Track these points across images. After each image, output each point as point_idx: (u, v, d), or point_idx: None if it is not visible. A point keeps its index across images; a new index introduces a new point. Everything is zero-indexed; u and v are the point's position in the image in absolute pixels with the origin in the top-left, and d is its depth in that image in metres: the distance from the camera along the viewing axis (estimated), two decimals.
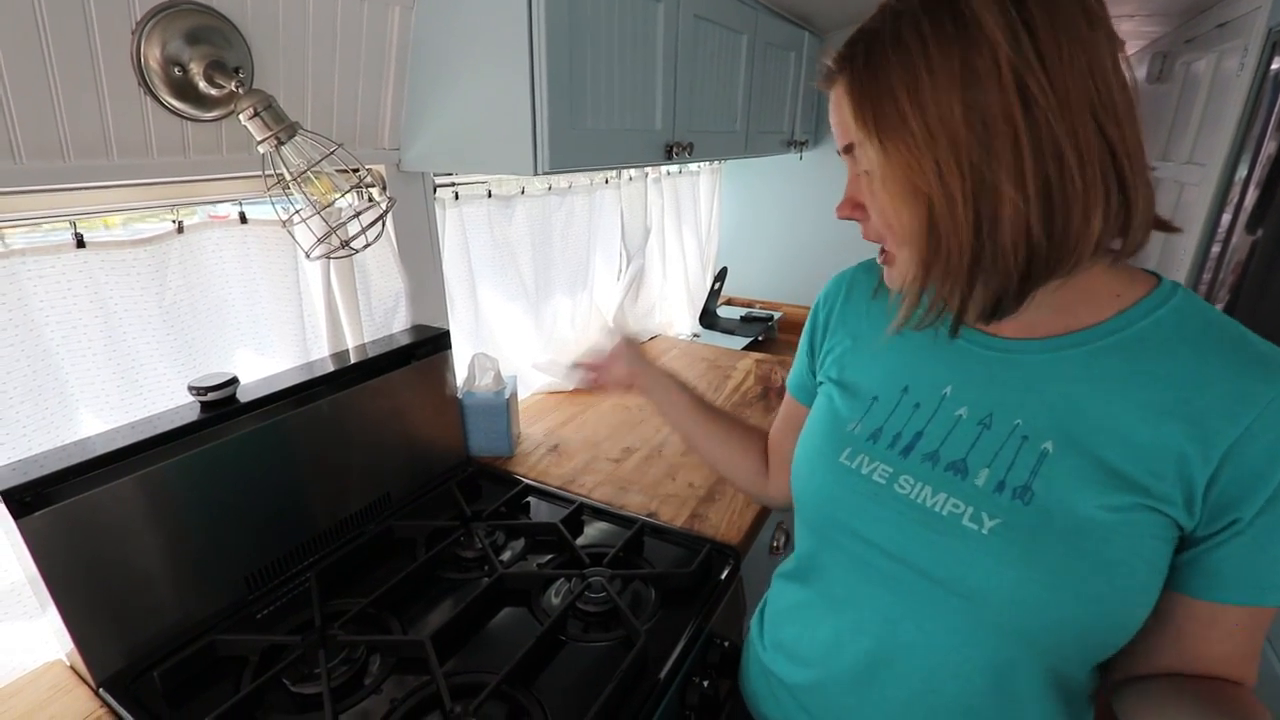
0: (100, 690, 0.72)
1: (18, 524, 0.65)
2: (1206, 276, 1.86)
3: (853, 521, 0.55)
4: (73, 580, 0.70)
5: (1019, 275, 0.44)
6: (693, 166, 2.13)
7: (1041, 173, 0.41)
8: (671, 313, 2.14)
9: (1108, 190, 0.42)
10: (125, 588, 0.74)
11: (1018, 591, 0.46)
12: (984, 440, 0.50)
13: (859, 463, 0.56)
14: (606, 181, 1.69)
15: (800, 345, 0.72)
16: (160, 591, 0.77)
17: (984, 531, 0.48)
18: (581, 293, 1.69)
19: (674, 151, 1.22)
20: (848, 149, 0.50)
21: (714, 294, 2.20)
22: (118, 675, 0.74)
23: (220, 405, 0.82)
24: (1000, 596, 0.47)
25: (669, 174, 1.95)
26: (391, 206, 0.85)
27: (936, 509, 0.50)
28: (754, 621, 0.74)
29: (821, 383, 0.67)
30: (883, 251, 0.52)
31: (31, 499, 0.66)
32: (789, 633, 0.65)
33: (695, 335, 2.14)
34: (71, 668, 0.76)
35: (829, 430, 0.60)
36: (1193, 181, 1.97)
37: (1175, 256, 2.03)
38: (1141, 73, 2.69)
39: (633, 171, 1.78)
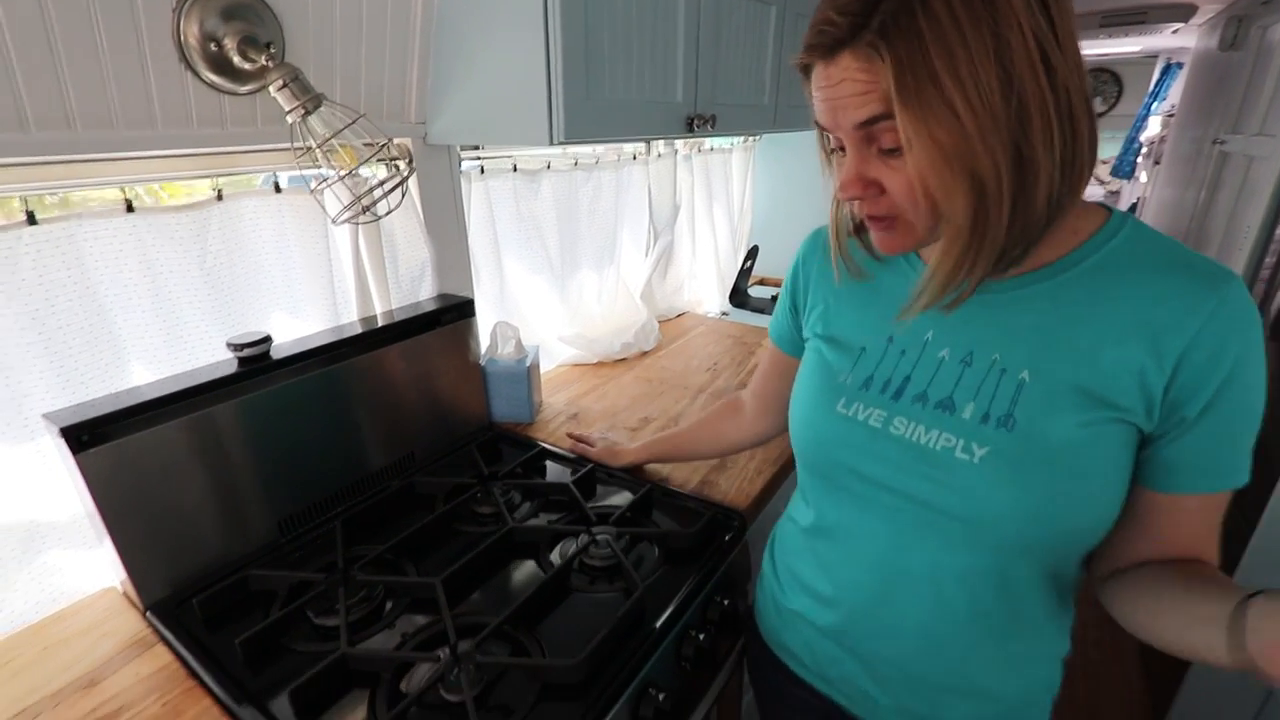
0: (147, 614, 0.80)
1: (76, 459, 0.72)
2: (1269, 260, 1.74)
3: (856, 464, 0.60)
4: (124, 515, 0.77)
5: (1038, 233, 0.48)
6: (725, 144, 2.12)
7: (1064, 137, 0.44)
8: (700, 290, 2.15)
9: (1093, 141, 0.46)
10: (170, 524, 0.81)
11: (1011, 510, 0.51)
12: (966, 377, 0.55)
13: (854, 410, 0.60)
14: (635, 157, 1.70)
15: (782, 299, 0.75)
16: (201, 529, 0.85)
17: (975, 461, 0.53)
18: (608, 268, 1.71)
19: (695, 124, 1.23)
20: (866, 123, 0.47)
21: (745, 273, 2.19)
22: (162, 601, 0.81)
23: (255, 361, 0.88)
24: (996, 517, 0.52)
25: (700, 151, 1.95)
26: (410, 174, 0.89)
27: (931, 445, 0.55)
28: (764, 560, 0.79)
29: (808, 339, 0.70)
30: (880, 219, 0.52)
31: (88, 437, 0.73)
32: (807, 572, 0.69)
33: (724, 313, 2.14)
34: (124, 594, 0.84)
35: (823, 383, 0.64)
36: (1263, 155, 1.85)
37: (1237, 238, 1.91)
38: (1212, 41, 2.52)
39: (661, 148, 1.78)
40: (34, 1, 0.65)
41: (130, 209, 0.82)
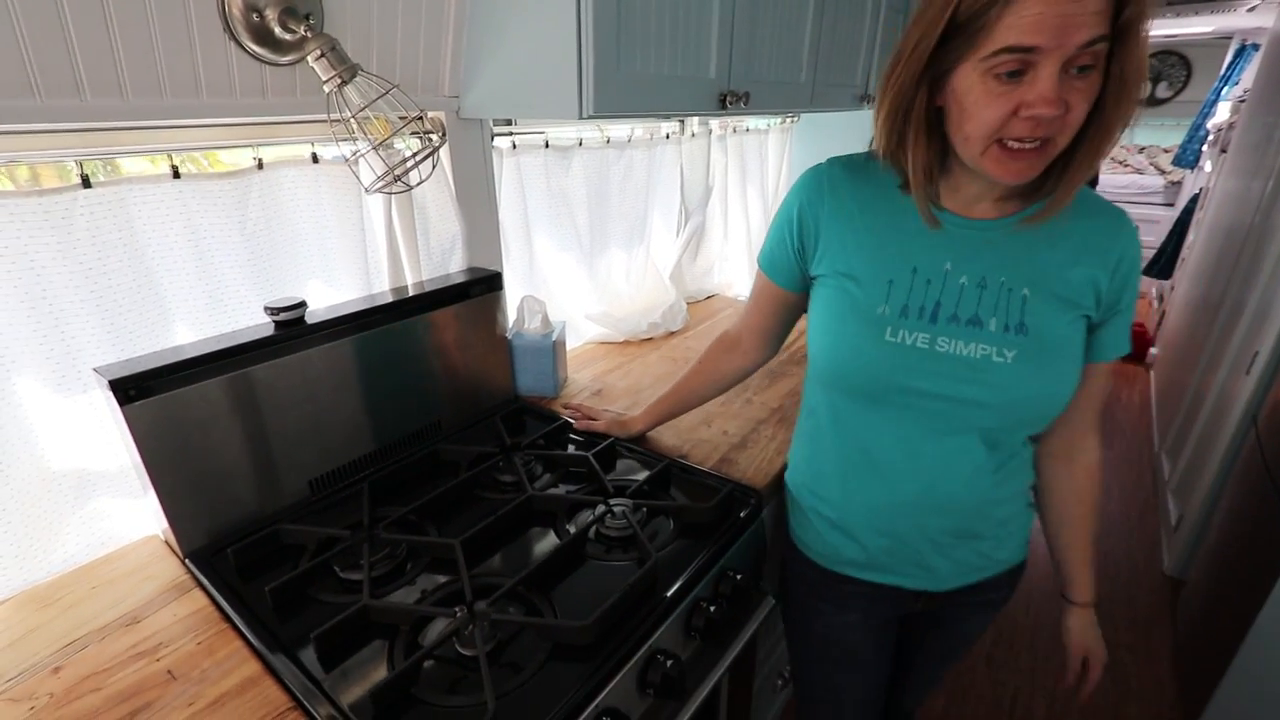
0: (186, 560, 0.85)
1: (123, 411, 0.77)
2: None
3: (910, 382, 0.70)
4: (166, 466, 0.82)
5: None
6: (761, 124, 2.09)
7: None
8: (731, 273, 2.13)
9: None
10: (208, 478, 0.86)
11: (1037, 393, 0.68)
12: (985, 298, 0.68)
13: (901, 336, 0.70)
14: (668, 136, 1.69)
15: (777, 234, 0.80)
16: (236, 484, 0.89)
17: (1009, 362, 0.67)
18: (638, 247, 1.71)
19: (728, 101, 1.21)
20: (1090, 43, 0.52)
21: None
22: (200, 550, 0.86)
23: (291, 325, 0.92)
24: (1027, 399, 0.69)
25: (735, 132, 1.93)
26: (441, 144, 0.91)
27: (972, 355, 0.68)
28: (797, 507, 0.89)
29: (822, 275, 0.76)
30: (1038, 142, 0.57)
31: (135, 391, 0.77)
32: (860, 485, 0.78)
33: None
34: (165, 542, 0.89)
35: (862, 316, 0.71)
36: None
37: None
38: None
39: (696, 127, 1.77)
40: None
41: (176, 175, 0.85)
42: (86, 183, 0.78)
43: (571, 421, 1.17)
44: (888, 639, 0.92)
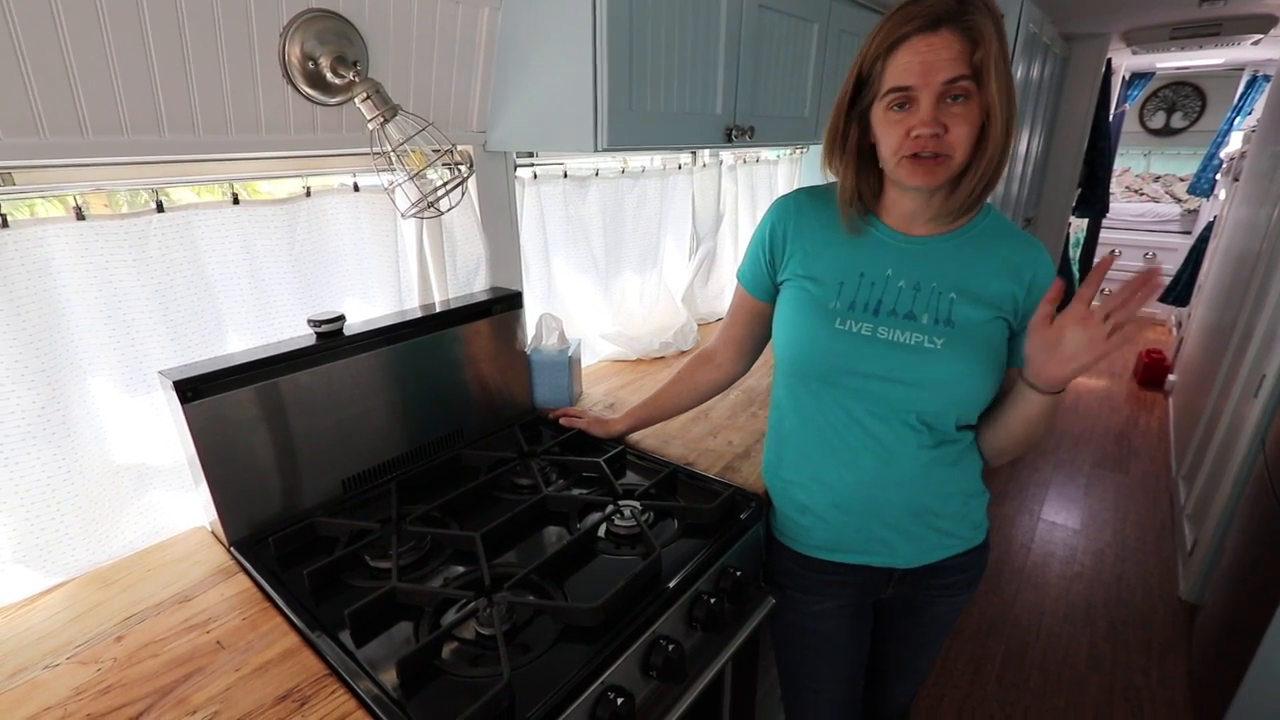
0: (231, 548, 0.93)
1: (184, 408, 0.86)
2: None
3: (856, 365, 0.83)
4: (217, 461, 0.90)
5: (980, 199, 0.80)
6: (771, 155, 2.18)
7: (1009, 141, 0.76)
8: None
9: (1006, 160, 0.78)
10: (253, 473, 0.94)
11: (961, 373, 0.81)
12: (919, 298, 0.82)
13: (848, 326, 0.84)
14: (680, 167, 1.79)
15: (753, 253, 0.95)
16: (278, 480, 0.97)
17: (939, 348, 0.81)
18: (651, 271, 1.80)
19: (734, 134, 1.30)
20: (952, 80, 0.70)
21: None
22: (244, 539, 0.94)
23: (330, 336, 1.01)
24: (950, 381, 0.81)
25: (745, 163, 2.02)
26: (470, 175, 1.00)
27: (907, 342, 0.81)
28: (771, 489, 1.00)
29: (787, 280, 0.90)
30: (933, 156, 0.74)
31: (193, 392, 0.87)
32: (818, 465, 0.90)
33: None
34: (211, 532, 0.97)
35: (816, 310, 0.86)
36: None
37: None
38: None
39: (706, 159, 1.87)
40: (174, 26, 0.79)
41: (236, 201, 0.96)
42: (160, 208, 0.89)
43: (563, 425, 1.24)
44: (863, 626, 1.01)
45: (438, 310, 1.16)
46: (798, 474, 0.93)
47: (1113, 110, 3.60)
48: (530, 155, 1.40)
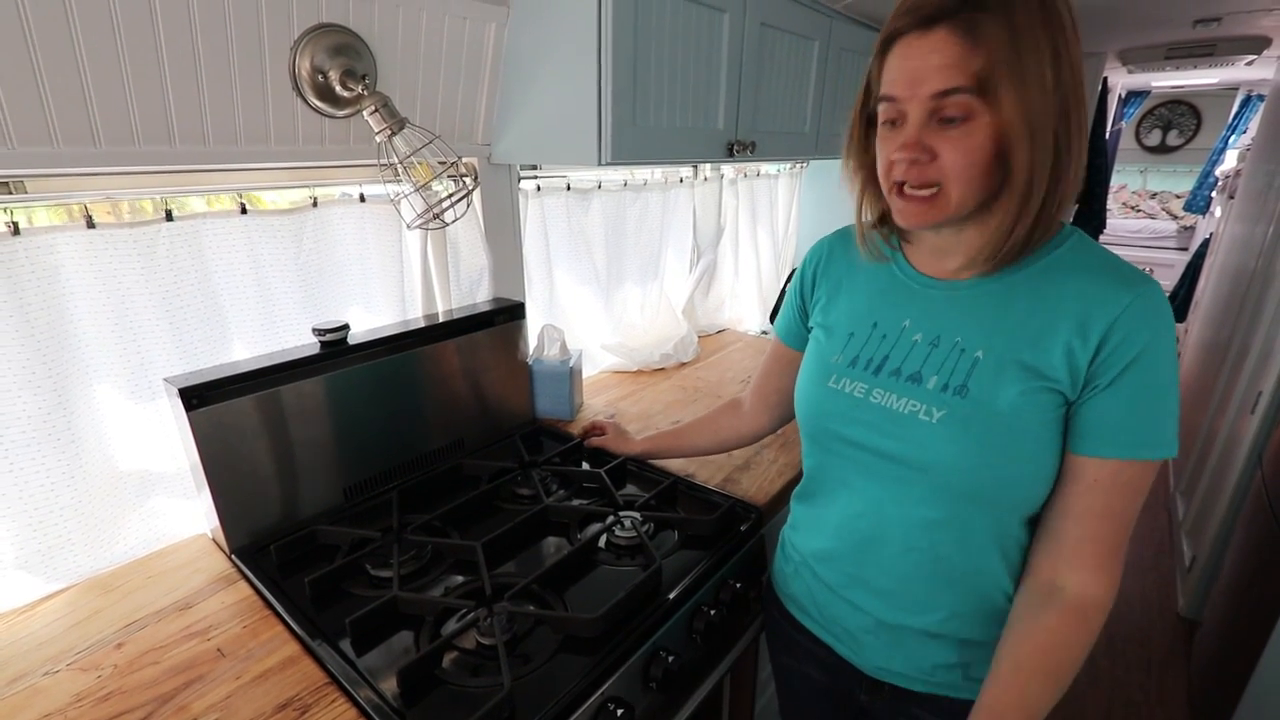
0: (232, 556, 0.93)
1: (188, 415, 0.86)
2: None
3: (841, 429, 0.72)
4: (220, 468, 0.91)
5: (1043, 232, 0.60)
6: (772, 169, 2.21)
7: (1079, 149, 0.57)
8: (741, 309, 2.22)
9: (1083, 168, 0.59)
10: (255, 481, 0.95)
11: (959, 458, 0.63)
12: (933, 356, 0.66)
13: (842, 384, 0.72)
14: (681, 180, 1.81)
15: (789, 300, 0.87)
16: (279, 488, 0.97)
17: (934, 421, 0.64)
18: (652, 282, 1.81)
19: (735, 149, 1.32)
20: (943, 93, 0.55)
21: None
22: (245, 547, 0.94)
23: (334, 345, 1.02)
24: (948, 465, 0.63)
25: (746, 176, 2.04)
26: (475, 187, 1.02)
27: (900, 410, 0.67)
28: (785, 527, 0.89)
29: (812, 328, 0.81)
30: (922, 187, 0.60)
31: (197, 400, 0.87)
32: (808, 526, 0.81)
33: (764, 332, 2.20)
34: (212, 539, 0.97)
35: (819, 363, 0.76)
36: None
37: None
38: None
39: (708, 173, 1.89)
40: (187, 39, 0.80)
41: (244, 211, 0.97)
42: (169, 216, 0.90)
43: (583, 443, 1.24)
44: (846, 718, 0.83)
45: (441, 320, 1.17)
46: (795, 513, 0.85)
47: (1109, 127, 3.64)
48: (534, 168, 1.42)
